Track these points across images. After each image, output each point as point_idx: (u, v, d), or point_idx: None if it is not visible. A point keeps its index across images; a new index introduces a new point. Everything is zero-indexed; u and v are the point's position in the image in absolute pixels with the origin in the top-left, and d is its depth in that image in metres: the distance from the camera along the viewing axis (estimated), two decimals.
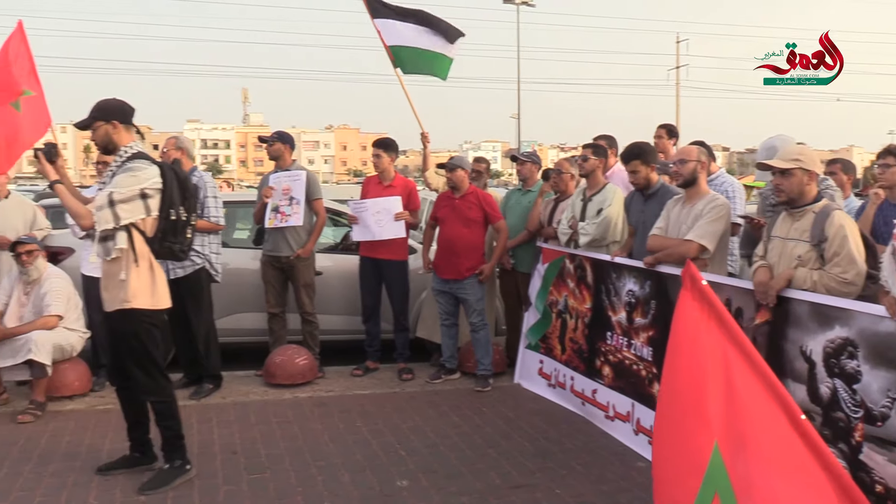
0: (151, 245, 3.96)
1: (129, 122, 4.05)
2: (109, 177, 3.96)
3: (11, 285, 5.43)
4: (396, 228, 6.13)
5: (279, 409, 5.39)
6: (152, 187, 3.88)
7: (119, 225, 3.82)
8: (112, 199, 3.80)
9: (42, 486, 4.04)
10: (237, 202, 7.76)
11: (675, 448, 2.27)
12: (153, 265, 3.99)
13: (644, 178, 5.07)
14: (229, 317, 6.47)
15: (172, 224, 3.98)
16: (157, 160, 4.08)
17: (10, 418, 5.12)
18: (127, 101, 4.13)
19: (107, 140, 4.00)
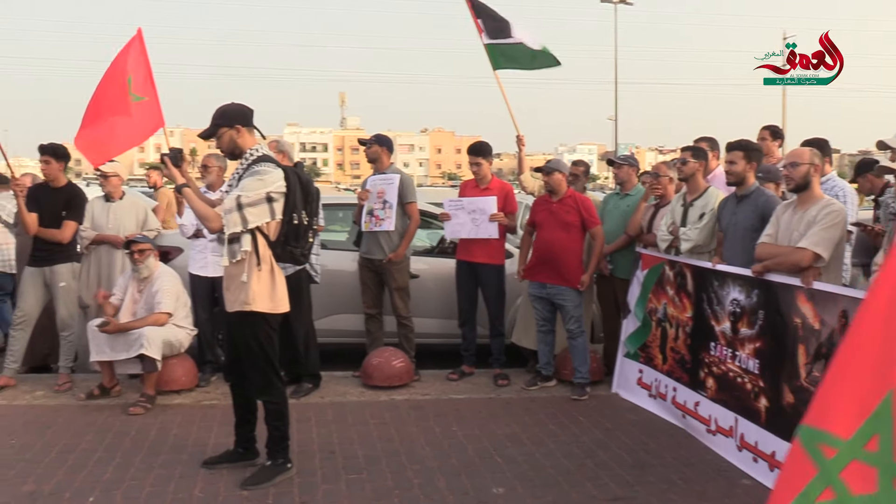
0: (274, 249, 4.02)
1: (250, 124, 4.10)
2: (235, 180, 4.04)
3: (126, 282, 5.69)
4: (490, 229, 6.10)
5: (376, 411, 5.45)
6: (277, 191, 3.93)
7: (246, 228, 3.89)
8: (240, 203, 3.86)
9: (151, 477, 4.20)
10: (337, 204, 7.91)
11: (846, 385, 2.17)
12: (274, 269, 4.06)
13: (740, 172, 4.90)
14: (328, 318, 6.60)
15: (295, 228, 4.02)
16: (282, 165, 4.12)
17: (122, 410, 5.37)
18: (246, 104, 4.18)
19: (232, 145, 4.06)
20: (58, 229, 5.82)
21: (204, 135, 4.19)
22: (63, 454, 4.54)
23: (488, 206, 6.12)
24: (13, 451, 4.59)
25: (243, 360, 4.18)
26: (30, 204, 5.79)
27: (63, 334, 5.94)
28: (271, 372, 4.15)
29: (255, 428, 4.39)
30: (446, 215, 6.31)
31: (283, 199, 3.97)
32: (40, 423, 5.11)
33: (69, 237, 5.88)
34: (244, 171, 4.00)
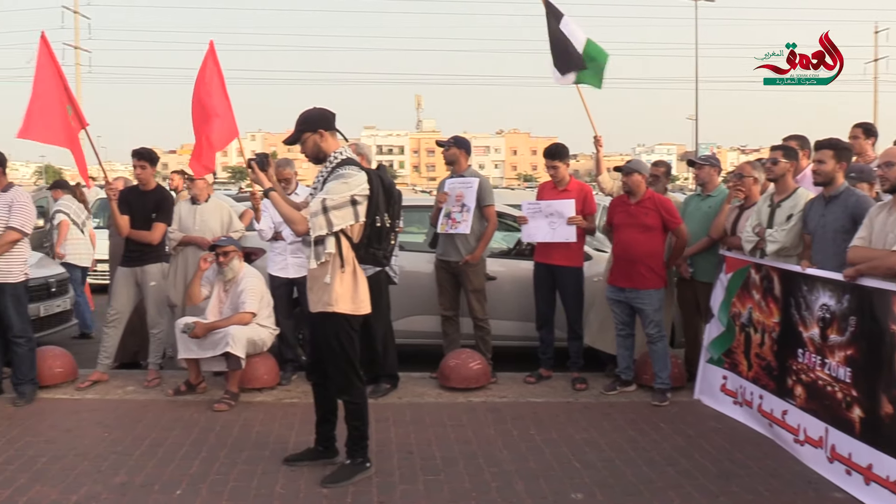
0: (357, 251, 4.06)
1: (333, 128, 4.16)
2: (320, 183, 4.09)
3: (212, 282, 5.87)
4: (568, 232, 6.03)
5: (453, 413, 5.46)
6: (361, 193, 3.97)
7: (332, 231, 3.94)
8: (325, 206, 3.92)
9: (235, 472, 4.31)
10: (413, 206, 7.96)
11: None
12: (357, 271, 4.11)
13: (829, 172, 4.72)
14: (405, 319, 6.65)
15: (377, 231, 4.05)
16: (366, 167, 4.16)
17: (208, 406, 5.54)
18: (327, 108, 4.23)
19: (316, 150, 4.12)
20: (148, 231, 6.04)
21: (288, 140, 4.26)
22: (152, 447, 4.70)
23: (566, 209, 6.05)
24: (106, 444, 4.79)
25: (325, 360, 4.25)
26: (121, 206, 6.02)
27: (152, 332, 6.18)
28: (352, 372, 4.19)
29: (335, 427, 4.45)
30: (523, 219, 6.27)
31: (366, 201, 4.01)
32: (131, 418, 5.32)
33: (158, 238, 6.10)
34: (328, 174, 4.05)
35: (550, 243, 6.12)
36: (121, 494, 4.01)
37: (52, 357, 6.10)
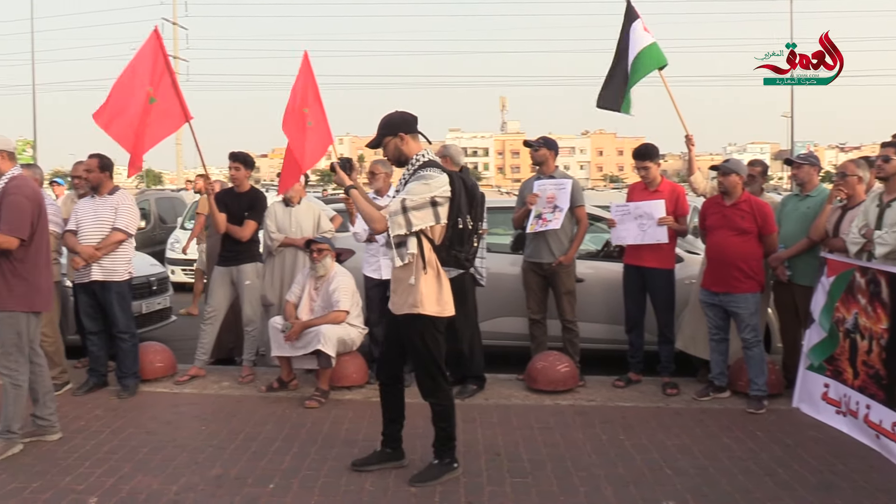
0: (439, 253, 4.06)
1: (414, 131, 4.18)
2: (402, 184, 4.13)
3: (304, 280, 6.00)
4: (658, 233, 5.90)
5: (540, 415, 5.41)
6: (442, 195, 3.97)
7: (411, 231, 3.96)
8: (405, 206, 3.95)
9: (325, 468, 4.40)
10: (500, 208, 7.93)
11: None
12: (440, 273, 4.11)
13: None
14: (492, 320, 6.64)
15: (459, 233, 4.04)
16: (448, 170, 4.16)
17: (299, 403, 5.66)
18: (408, 112, 4.26)
19: (397, 153, 4.16)
20: (240, 227, 6.24)
21: (371, 145, 4.33)
22: (246, 442, 4.84)
23: (655, 210, 5.92)
24: (203, 437, 4.96)
25: (411, 362, 4.27)
26: (218, 206, 6.24)
27: (247, 329, 6.36)
28: (438, 374, 4.20)
29: (402, 428, 4.46)
30: (612, 222, 6.17)
31: (447, 203, 4.01)
32: (226, 412, 5.49)
33: (249, 235, 6.28)
34: (410, 175, 4.08)
35: (641, 245, 6.00)
36: (216, 486, 4.14)
37: (153, 352, 6.37)
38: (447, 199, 4.00)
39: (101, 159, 5.93)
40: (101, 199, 5.93)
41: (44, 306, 4.83)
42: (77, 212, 5.99)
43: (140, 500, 3.97)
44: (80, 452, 4.67)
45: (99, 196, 5.95)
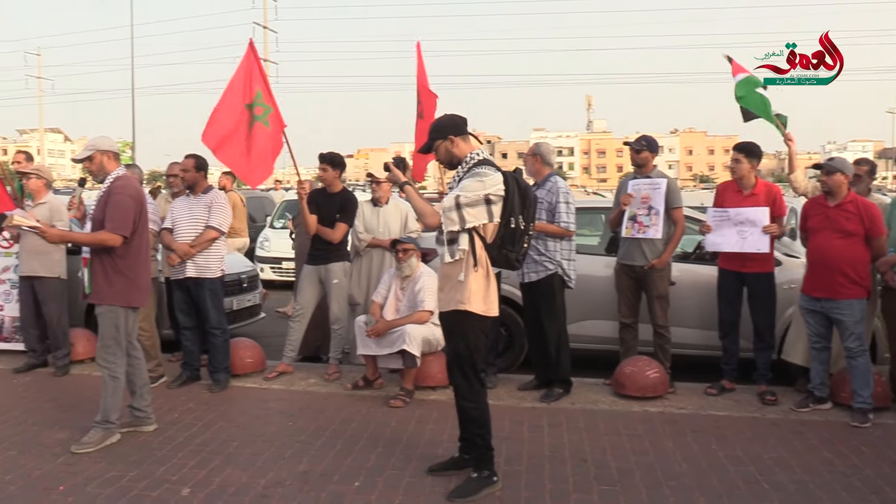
0: (490, 252, 4.00)
1: (464, 132, 4.13)
2: (456, 182, 4.10)
3: (390, 281, 6.03)
4: (761, 242, 5.64)
5: (628, 422, 5.27)
6: (496, 193, 3.93)
7: (464, 228, 3.92)
8: (459, 203, 3.91)
9: (410, 468, 4.39)
10: (589, 208, 7.80)
11: None
12: (489, 272, 4.05)
13: None
14: (579, 323, 6.51)
15: (511, 232, 3.97)
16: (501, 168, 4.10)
17: (384, 402, 5.69)
18: (457, 114, 4.23)
19: (448, 156, 4.13)
20: (332, 230, 6.31)
21: (422, 150, 4.35)
22: (332, 439, 4.90)
23: (760, 217, 5.65)
24: (290, 433, 5.04)
25: (449, 360, 4.21)
26: (309, 207, 6.33)
27: (334, 328, 6.44)
28: (473, 375, 4.10)
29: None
30: (707, 227, 5.94)
31: (501, 202, 3.95)
32: (313, 409, 5.57)
33: (340, 237, 6.35)
34: (465, 173, 4.05)
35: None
36: (303, 482, 4.19)
37: (244, 348, 6.52)
38: (501, 197, 3.95)
39: (196, 159, 6.11)
40: (196, 198, 6.11)
41: (141, 302, 5.00)
42: (173, 210, 6.19)
43: (229, 493, 4.05)
44: (173, 444, 4.82)
45: (194, 195, 6.13)
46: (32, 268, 6.56)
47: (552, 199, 5.73)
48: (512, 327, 6.63)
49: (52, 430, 5.07)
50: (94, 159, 4.87)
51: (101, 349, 4.84)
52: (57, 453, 4.65)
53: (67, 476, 4.29)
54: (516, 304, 6.41)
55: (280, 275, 12.83)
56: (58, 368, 6.62)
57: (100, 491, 4.08)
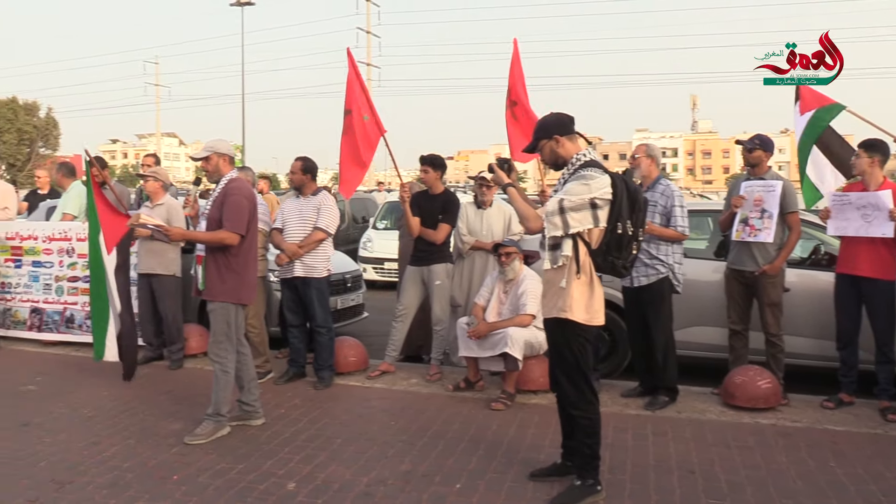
0: (594, 258, 3.88)
1: (570, 132, 4.01)
2: (560, 185, 3.99)
3: (493, 283, 6.01)
4: (886, 227, 5.30)
5: (738, 433, 5.06)
6: (602, 197, 3.79)
7: (567, 233, 3.80)
8: (562, 206, 3.79)
9: (512, 472, 4.36)
10: (696, 211, 7.55)
11: None
12: (594, 279, 3.92)
13: None
14: (686, 329, 6.31)
15: (618, 238, 3.83)
16: (610, 170, 3.97)
17: (485, 404, 5.68)
18: (564, 113, 4.10)
19: (554, 156, 4.01)
20: (434, 231, 6.35)
21: (527, 149, 4.23)
22: (434, 439, 4.92)
23: (883, 201, 5.32)
24: (392, 432, 5.09)
25: (556, 369, 4.10)
26: (412, 209, 6.40)
27: (436, 329, 6.47)
28: (584, 384, 3.98)
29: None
30: (827, 212, 5.64)
31: (608, 206, 3.80)
32: (415, 409, 5.61)
33: (443, 238, 6.38)
34: (569, 175, 3.93)
35: (857, 253, 5.44)
36: (405, 482, 4.22)
37: (348, 347, 6.65)
38: (608, 201, 3.80)
39: (304, 162, 6.28)
40: (305, 199, 6.27)
41: (249, 299, 5.18)
42: (283, 211, 6.38)
43: (333, 489, 4.12)
44: (280, 438, 4.95)
45: (303, 196, 6.30)
46: (150, 266, 6.90)
47: (667, 202, 5.57)
48: (615, 332, 6.49)
49: (167, 421, 5.31)
50: (211, 160, 5.07)
51: (213, 344, 5.03)
52: (171, 443, 4.86)
53: (181, 466, 4.47)
54: (619, 308, 6.27)
55: (382, 275, 13.04)
56: (173, 362, 6.93)
57: (210, 482, 4.23)
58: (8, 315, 8.20)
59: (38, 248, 8.03)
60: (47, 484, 4.21)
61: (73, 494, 4.06)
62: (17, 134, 49.37)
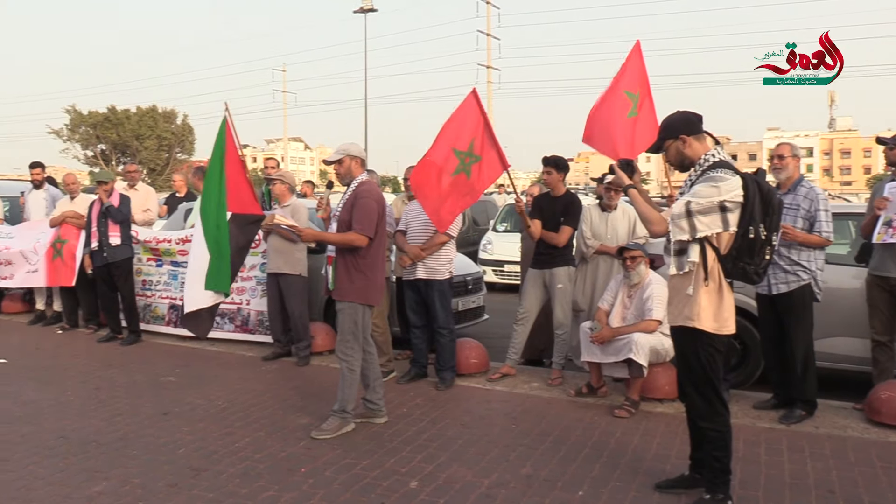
0: (724, 264, 3.68)
1: (698, 131, 3.84)
2: (687, 186, 3.84)
3: (617, 288, 5.88)
4: None
5: (884, 453, 4.72)
6: (733, 200, 3.60)
7: (694, 237, 3.65)
8: (689, 210, 3.64)
9: (636, 483, 4.24)
10: (838, 214, 7.10)
11: None
12: (723, 286, 3.72)
13: None
14: (825, 339, 5.94)
15: (750, 243, 3.62)
16: (741, 171, 3.76)
17: (608, 411, 5.56)
18: (692, 112, 3.93)
19: (680, 157, 3.86)
20: (556, 233, 6.28)
21: (651, 149, 4.10)
22: (555, 444, 4.86)
23: None
24: (513, 435, 5.07)
25: (684, 379, 3.93)
26: (533, 211, 6.35)
27: (557, 332, 6.39)
28: (714, 396, 3.80)
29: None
30: (883, 202, 5.31)
31: (738, 209, 3.61)
32: (535, 413, 5.56)
33: (564, 241, 6.30)
34: (697, 177, 3.76)
35: None
36: (527, 486, 4.19)
37: (469, 349, 6.68)
38: (738, 204, 3.60)
39: None
40: None
41: (376, 300, 5.28)
42: (407, 213, 6.48)
43: (455, 489, 4.14)
44: (402, 437, 5.03)
45: None
46: (278, 265, 7.17)
47: (810, 206, 5.27)
48: (747, 340, 6.20)
49: (295, 416, 5.50)
50: (344, 163, 5.22)
51: (341, 343, 5.16)
52: (299, 437, 5.03)
53: (308, 459, 4.62)
54: (750, 315, 5.98)
55: (502, 277, 13.04)
56: (300, 359, 7.17)
57: (336, 476, 4.34)
58: (148, 310, 8.75)
59: (173, 250, 8.51)
60: (185, 470, 4.45)
61: (208, 481, 4.27)
62: (156, 140, 52.61)
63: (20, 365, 7.27)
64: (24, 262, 9.29)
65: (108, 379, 6.67)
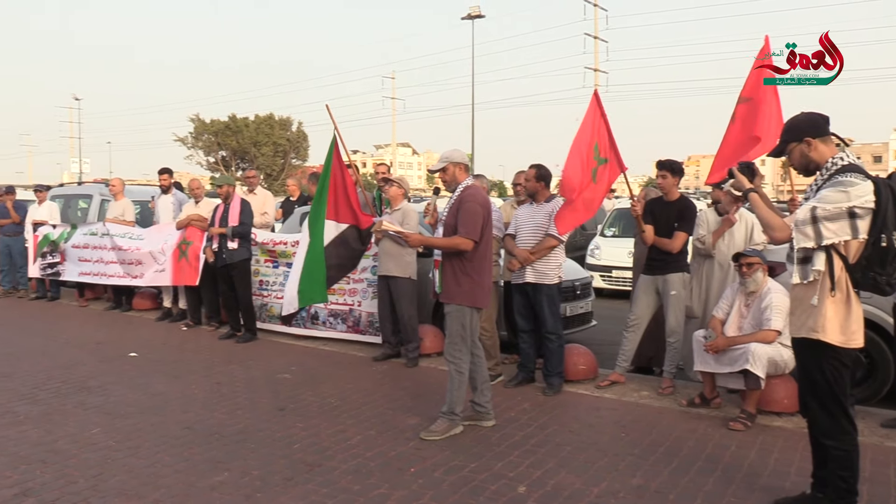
0: (852, 273, 3.49)
1: (824, 133, 3.64)
2: (813, 191, 3.64)
3: (733, 296, 5.68)
4: None
5: None
6: (864, 206, 3.40)
7: (820, 245, 3.47)
8: (815, 216, 3.46)
9: (752, 499, 4.09)
10: None
11: None
12: (851, 297, 3.52)
13: None
14: None
15: (882, 251, 3.41)
16: (873, 175, 3.55)
17: (722, 423, 5.38)
18: (818, 112, 3.73)
19: (805, 161, 3.67)
20: (669, 239, 6.14)
21: (773, 153, 3.92)
22: (667, 455, 4.74)
23: None
24: (623, 444, 4.98)
25: (807, 394, 3.73)
26: (646, 216, 6.24)
27: (669, 340, 6.25)
28: (839, 412, 3.58)
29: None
30: None
31: (869, 215, 3.40)
32: (645, 422, 5.45)
33: (679, 247, 6.15)
34: (824, 181, 3.56)
35: None
36: (637, 496, 4.10)
37: (577, 354, 6.61)
38: (869, 210, 3.39)
39: (538, 170, 6.35)
40: (538, 206, 6.34)
41: (484, 303, 5.31)
42: (517, 217, 6.49)
43: (564, 496, 4.11)
44: (510, 441, 5.03)
45: (536, 203, 6.37)
46: (388, 268, 7.32)
47: None
48: (874, 354, 5.87)
49: (404, 416, 5.60)
50: (448, 170, 5.29)
51: (449, 346, 5.22)
52: (408, 437, 5.11)
53: (417, 460, 4.69)
54: (879, 327, 5.66)
55: (610, 283, 12.84)
56: (409, 360, 7.29)
57: (445, 477, 4.39)
58: (264, 310, 9.10)
59: (289, 252, 8.82)
60: (300, 465, 4.60)
61: (322, 476, 4.41)
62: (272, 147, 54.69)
63: (149, 359, 7.72)
64: (152, 263, 9.89)
65: (228, 374, 7.00)
